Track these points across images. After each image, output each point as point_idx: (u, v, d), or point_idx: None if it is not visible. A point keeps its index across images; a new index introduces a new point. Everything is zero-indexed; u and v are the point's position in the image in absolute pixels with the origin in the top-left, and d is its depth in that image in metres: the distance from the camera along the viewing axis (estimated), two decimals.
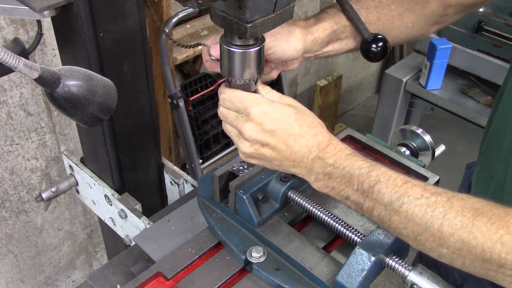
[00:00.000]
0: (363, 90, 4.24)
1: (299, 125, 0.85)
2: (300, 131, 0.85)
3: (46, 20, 1.19)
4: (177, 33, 2.25)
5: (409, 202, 0.77)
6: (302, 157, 0.85)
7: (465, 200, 0.75)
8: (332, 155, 0.84)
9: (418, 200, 0.76)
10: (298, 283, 0.95)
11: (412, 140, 1.32)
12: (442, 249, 0.75)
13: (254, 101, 0.86)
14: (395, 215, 0.78)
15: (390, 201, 0.78)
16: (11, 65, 0.68)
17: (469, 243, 0.72)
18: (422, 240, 0.76)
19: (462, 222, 0.73)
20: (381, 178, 0.80)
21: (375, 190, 0.79)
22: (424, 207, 0.75)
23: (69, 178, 1.49)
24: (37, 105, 2.09)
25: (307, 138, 0.84)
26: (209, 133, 2.38)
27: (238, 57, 0.85)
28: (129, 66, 1.22)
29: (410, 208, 0.76)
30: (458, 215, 0.73)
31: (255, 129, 0.85)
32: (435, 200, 0.75)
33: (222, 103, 0.90)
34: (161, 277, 1.00)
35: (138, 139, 1.37)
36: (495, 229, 0.70)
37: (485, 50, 2.71)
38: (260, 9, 0.77)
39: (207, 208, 1.09)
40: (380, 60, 1.01)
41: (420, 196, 0.77)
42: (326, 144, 0.85)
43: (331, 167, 0.83)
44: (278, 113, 0.85)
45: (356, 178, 0.81)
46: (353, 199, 0.83)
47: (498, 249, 0.70)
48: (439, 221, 0.74)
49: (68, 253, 2.58)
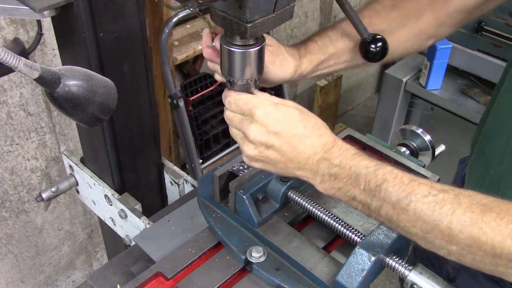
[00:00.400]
0: (363, 90, 4.24)
1: (304, 126, 0.85)
2: (305, 132, 0.84)
3: (46, 20, 1.19)
4: (177, 33, 2.25)
5: (416, 200, 0.76)
6: (308, 159, 0.84)
7: (472, 197, 0.75)
8: (338, 155, 0.83)
9: (425, 198, 0.76)
10: (298, 283, 0.95)
11: (412, 140, 1.32)
12: (451, 246, 0.75)
13: (258, 103, 0.86)
14: (403, 213, 0.77)
15: (398, 200, 0.78)
16: (11, 65, 0.68)
17: (479, 239, 0.72)
18: (431, 238, 0.76)
19: (471, 218, 0.72)
20: (388, 177, 0.79)
21: (382, 189, 0.79)
22: (432, 205, 0.75)
23: (69, 178, 1.49)
24: (37, 105, 2.09)
25: (312, 139, 0.84)
26: (209, 133, 2.38)
27: (238, 57, 0.85)
28: (129, 66, 1.22)
29: (418, 206, 0.76)
30: (466, 212, 0.73)
31: (260, 130, 0.84)
32: (443, 198, 0.75)
33: (228, 106, 0.89)
34: (161, 277, 1.00)
35: (138, 139, 1.37)
36: (505, 224, 0.70)
37: (485, 50, 2.71)
38: (260, 9, 0.77)
39: (207, 208, 1.09)
40: (379, 61, 1.00)
41: (427, 193, 0.76)
42: (331, 144, 0.84)
43: (337, 168, 0.83)
44: (282, 114, 0.85)
45: (362, 178, 0.81)
46: (360, 199, 0.82)
47: (508, 244, 0.70)
48: (448, 218, 0.74)
49: (68, 253, 2.58)
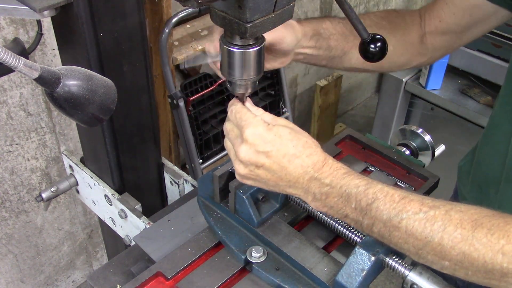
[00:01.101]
0: (363, 90, 4.24)
1: (294, 145, 0.84)
2: (295, 152, 0.84)
3: (46, 20, 1.19)
4: (177, 33, 2.25)
5: (407, 218, 0.77)
6: (298, 178, 0.84)
7: (463, 212, 0.75)
8: (328, 174, 0.83)
9: (416, 215, 0.76)
10: (298, 283, 0.95)
11: (412, 140, 1.32)
12: (444, 262, 0.75)
13: (250, 122, 0.85)
14: (394, 231, 0.78)
15: (389, 218, 0.78)
16: (11, 65, 0.68)
17: (471, 255, 0.72)
18: (424, 254, 0.77)
19: (462, 235, 0.73)
20: (379, 195, 0.80)
21: (373, 207, 0.80)
22: (423, 222, 0.76)
23: (69, 178, 1.49)
24: (37, 105, 2.09)
25: (302, 159, 0.84)
26: (209, 133, 2.38)
27: (238, 57, 0.85)
28: (129, 66, 1.22)
29: (409, 223, 0.77)
30: (457, 228, 0.73)
31: (249, 150, 0.84)
32: (434, 214, 0.76)
33: (229, 116, 0.90)
34: (161, 277, 1.00)
35: (138, 139, 1.37)
36: (496, 240, 0.71)
37: (485, 50, 2.71)
38: (260, 9, 0.77)
39: (207, 208, 1.09)
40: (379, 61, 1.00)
41: (418, 210, 0.77)
42: (322, 164, 0.84)
43: (328, 187, 0.83)
44: (272, 134, 0.84)
45: (353, 197, 0.81)
46: (352, 217, 0.83)
47: (499, 260, 0.70)
48: (439, 235, 0.74)
49: (68, 253, 2.59)
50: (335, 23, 1.12)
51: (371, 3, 3.70)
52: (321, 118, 3.54)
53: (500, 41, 2.63)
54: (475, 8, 1.13)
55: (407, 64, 1.24)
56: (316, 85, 3.45)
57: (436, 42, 1.20)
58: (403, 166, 1.22)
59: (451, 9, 1.16)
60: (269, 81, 2.59)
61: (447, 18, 1.17)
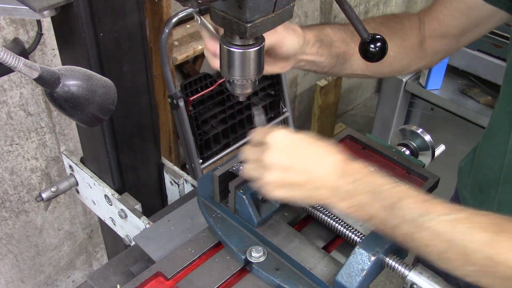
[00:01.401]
0: (363, 90, 4.24)
1: (319, 145, 0.86)
2: (321, 151, 0.86)
3: (46, 20, 1.19)
4: (177, 33, 2.25)
5: (433, 219, 0.77)
6: (327, 176, 0.85)
7: (486, 216, 0.76)
8: (355, 172, 0.84)
9: (444, 216, 0.77)
10: (298, 283, 0.95)
11: (412, 140, 1.32)
12: (467, 267, 0.76)
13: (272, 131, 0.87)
14: (421, 231, 0.78)
15: (417, 216, 0.78)
16: (11, 65, 0.67)
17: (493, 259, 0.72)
18: (447, 257, 0.77)
19: (486, 238, 0.73)
20: (404, 195, 0.80)
21: (401, 206, 0.80)
22: (450, 223, 0.76)
23: (69, 178, 1.49)
24: (37, 105, 2.09)
25: (329, 158, 0.85)
26: (209, 133, 2.38)
27: (238, 57, 0.85)
28: (129, 66, 1.22)
29: (435, 224, 0.77)
30: (482, 231, 0.74)
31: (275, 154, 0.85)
32: (459, 217, 0.76)
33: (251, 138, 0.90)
34: (161, 277, 1.00)
35: (138, 139, 1.37)
36: None
37: (485, 50, 2.71)
38: (260, 9, 0.77)
39: (207, 208, 1.09)
40: (379, 61, 1.00)
41: (443, 212, 0.77)
42: (348, 161, 0.85)
43: (356, 183, 0.84)
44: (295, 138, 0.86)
45: (379, 196, 0.82)
46: (377, 217, 0.83)
47: None
48: (463, 236, 0.74)
49: (68, 253, 2.59)
50: (336, 30, 1.12)
51: (371, 3, 3.70)
52: (321, 118, 3.54)
53: (500, 41, 2.63)
54: (473, 10, 1.13)
55: (407, 68, 1.24)
56: (316, 85, 3.45)
57: (435, 45, 1.21)
58: (403, 166, 1.22)
59: (450, 11, 1.16)
60: (269, 81, 2.59)
61: (446, 20, 1.17)
